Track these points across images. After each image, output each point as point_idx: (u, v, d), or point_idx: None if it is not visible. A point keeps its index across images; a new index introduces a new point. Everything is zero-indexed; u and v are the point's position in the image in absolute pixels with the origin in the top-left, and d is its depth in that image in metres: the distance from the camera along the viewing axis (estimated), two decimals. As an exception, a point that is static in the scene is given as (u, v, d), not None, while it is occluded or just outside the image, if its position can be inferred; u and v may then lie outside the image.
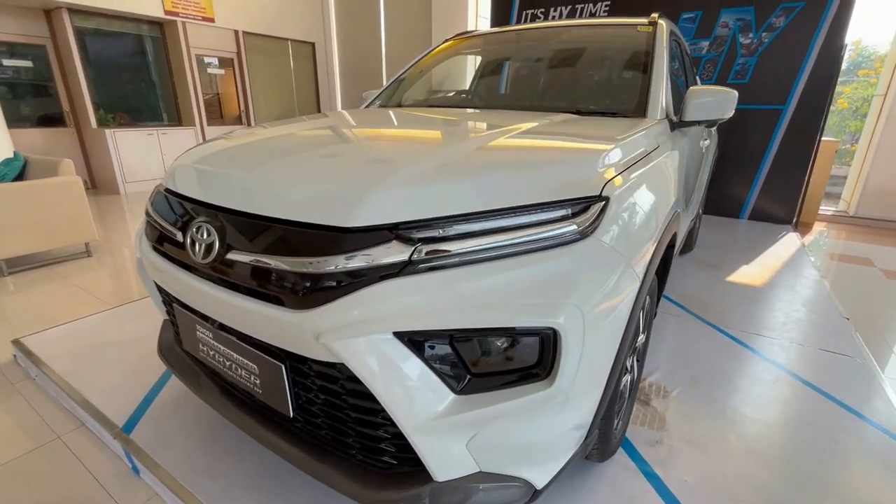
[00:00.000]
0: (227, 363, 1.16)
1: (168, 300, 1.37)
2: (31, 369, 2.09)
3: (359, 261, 0.86)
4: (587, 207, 0.94)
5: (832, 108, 4.39)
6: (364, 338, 0.85)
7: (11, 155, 4.00)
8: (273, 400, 1.08)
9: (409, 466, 1.00)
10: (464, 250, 0.87)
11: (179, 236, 1.12)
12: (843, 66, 4.14)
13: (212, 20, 6.92)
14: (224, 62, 7.53)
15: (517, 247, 0.89)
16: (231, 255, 0.99)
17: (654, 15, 2.06)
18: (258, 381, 1.09)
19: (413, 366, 0.86)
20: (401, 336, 0.85)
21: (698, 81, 3.40)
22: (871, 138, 5.11)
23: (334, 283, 0.87)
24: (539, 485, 0.99)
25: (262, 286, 0.95)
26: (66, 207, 3.44)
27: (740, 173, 4.66)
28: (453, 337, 0.86)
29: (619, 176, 1.06)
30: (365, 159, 1.09)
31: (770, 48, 4.27)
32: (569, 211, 0.93)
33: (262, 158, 1.15)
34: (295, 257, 0.90)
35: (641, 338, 1.55)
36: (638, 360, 1.62)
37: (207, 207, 1.09)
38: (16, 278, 3.25)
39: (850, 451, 1.56)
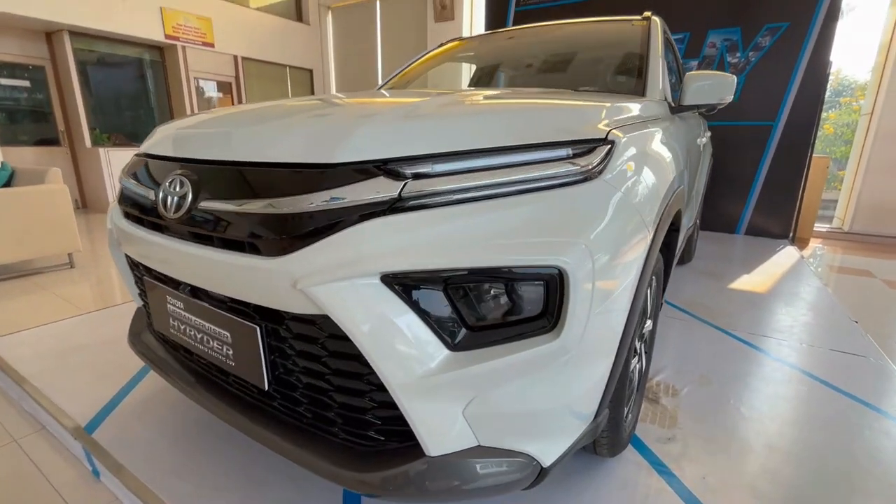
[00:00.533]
0: (199, 336, 1.05)
1: (139, 277, 1.26)
2: (-6, 373, 1.94)
3: (343, 197, 0.78)
4: (592, 149, 0.88)
5: (819, 132, 4.46)
6: (347, 281, 0.75)
7: (-1, 166, 3.93)
8: (247, 371, 0.97)
9: (397, 442, 0.88)
10: (458, 187, 0.79)
11: (152, 194, 1.04)
12: (827, 94, 4.24)
13: (212, 45, 7.06)
14: (222, 86, 7.64)
15: (518, 185, 0.81)
16: (204, 205, 0.91)
17: (647, 13, 2.08)
18: (231, 352, 0.98)
19: (403, 316, 0.76)
20: (388, 281, 0.76)
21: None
22: (861, 156, 5.18)
23: (315, 224, 0.78)
24: (546, 462, 0.87)
25: (237, 234, 0.86)
26: (51, 216, 3.34)
27: (734, 189, 4.67)
28: (448, 282, 0.77)
29: (622, 129, 1.00)
30: (353, 110, 1.03)
31: (757, 67, 4.37)
32: (570, 151, 0.86)
33: (245, 117, 1.08)
34: (272, 198, 0.82)
35: (649, 324, 1.45)
36: (646, 352, 1.52)
37: (182, 162, 1.02)
38: (-9, 287, 3.11)
39: (880, 449, 1.44)
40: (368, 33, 8.44)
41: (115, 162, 6.11)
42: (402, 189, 0.78)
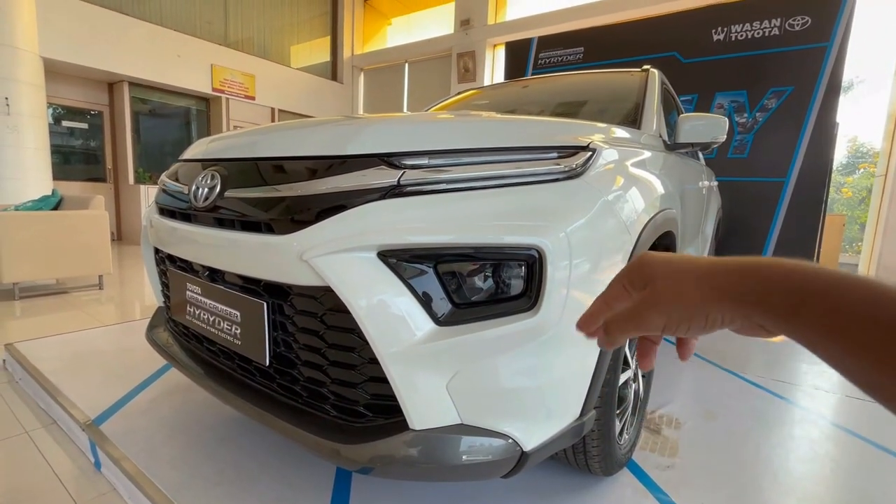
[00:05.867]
0: (212, 318, 1.13)
1: (164, 270, 1.38)
2: (17, 373, 2.04)
3: (348, 181, 0.88)
4: (575, 153, 0.98)
5: (837, 196, 4.51)
6: (346, 254, 0.84)
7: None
8: (251, 348, 1.04)
9: (384, 418, 0.92)
10: (450, 177, 0.89)
11: (186, 189, 1.17)
12: (844, 160, 4.35)
13: (252, 98, 7.72)
14: (258, 135, 8.24)
15: (506, 178, 0.90)
16: (229, 194, 1.03)
17: (646, 66, 2.27)
18: (238, 331, 1.06)
19: (395, 289, 0.84)
20: (385, 258, 0.85)
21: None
22: (878, 217, 5.16)
23: (324, 205, 0.89)
24: (527, 446, 0.89)
25: (256, 216, 0.97)
26: (89, 239, 3.58)
27: (749, 242, 4.67)
28: (437, 260, 0.85)
29: (608, 143, 1.11)
30: (363, 119, 1.16)
31: (765, 126, 4.54)
32: (555, 154, 0.96)
33: (271, 128, 1.24)
34: (287, 184, 0.94)
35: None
36: (644, 375, 1.52)
37: (216, 162, 1.16)
38: (24, 302, 3.29)
39: None
40: (396, 92, 9.10)
41: (153, 198, 6.52)
42: (400, 177, 0.88)
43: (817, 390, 2.10)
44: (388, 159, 0.90)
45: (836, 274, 0.27)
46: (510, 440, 0.88)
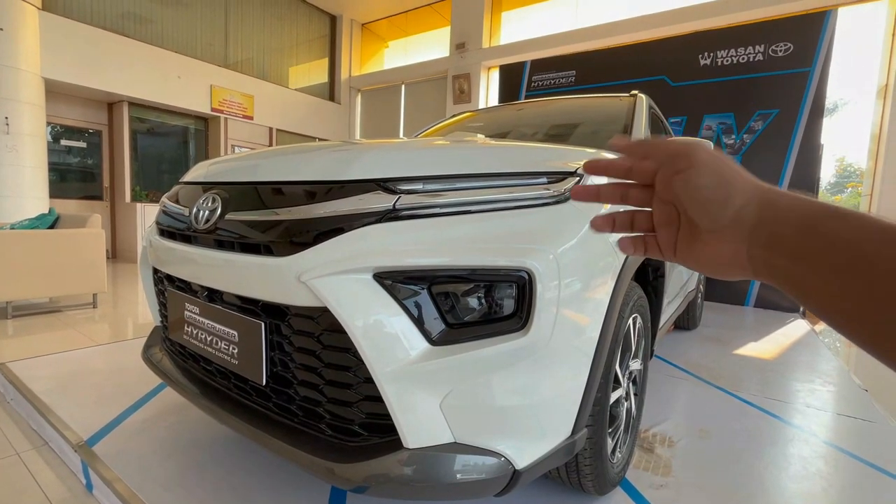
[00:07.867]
0: (209, 338, 1.15)
1: (161, 290, 1.40)
2: (9, 393, 2.02)
3: (346, 206, 0.92)
4: (563, 178, 1.02)
5: None
6: (343, 275, 0.87)
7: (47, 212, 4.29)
8: (248, 368, 1.05)
9: (379, 437, 0.94)
10: (445, 202, 0.93)
11: (187, 211, 1.20)
12: (833, 179, 4.46)
13: (251, 118, 7.82)
14: (256, 154, 8.32)
15: (498, 203, 0.94)
16: (230, 216, 1.06)
17: (634, 91, 2.35)
18: (235, 351, 1.08)
19: (390, 310, 0.87)
20: (380, 279, 0.88)
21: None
22: (867, 235, 5.25)
23: (322, 228, 0.92)
24: (519, 464, 0.90)
25: (256, 238, 1.00)
26: (85, 257, 3.58)
27: (740, 261, 4.73)
28: (431, 281, 0.88)
29: (595, 168, 1.15)
30: (361, 145, 1.21)
31: (753, 147, 4.65)
32: (545, 179, 1.00)
33: (271, 152, 1.28)
34: (287, 207, 0.97)
35: (637, 365, 1.49)
36: (636, 394, 1.54)
37: (217, 185, 1.19)
38: (17, 321, 3.27)
39: (883, 507, 1.38)
40: (393, 113, 9.26)
41: (149, 215, 6.54)
42: (395, 202, 0.92)
43: (809, 408, 2.12)
44: (384, 184, 0.94)
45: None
46: (503, 458, 0.90)
